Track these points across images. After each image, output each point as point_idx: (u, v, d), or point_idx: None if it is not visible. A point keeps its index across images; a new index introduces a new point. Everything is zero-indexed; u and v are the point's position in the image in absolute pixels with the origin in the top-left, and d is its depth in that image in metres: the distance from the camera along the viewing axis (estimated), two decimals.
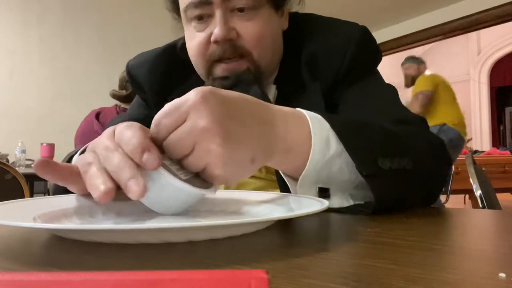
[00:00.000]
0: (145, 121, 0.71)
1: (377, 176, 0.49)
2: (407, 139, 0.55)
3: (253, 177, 0.73)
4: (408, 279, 0.26)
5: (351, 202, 0.52)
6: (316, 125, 0.49)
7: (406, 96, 3.66)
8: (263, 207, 0.49)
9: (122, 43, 4.35)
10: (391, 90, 0.72)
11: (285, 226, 0.43)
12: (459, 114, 3.51)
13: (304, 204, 0.45)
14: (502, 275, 0.25)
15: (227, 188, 0.68)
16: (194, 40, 0.69)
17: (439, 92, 3.50)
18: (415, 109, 3.42)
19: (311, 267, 0.28)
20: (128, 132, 0.38)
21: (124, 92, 2.23)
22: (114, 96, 2.24)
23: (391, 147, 0.52)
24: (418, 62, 3.81)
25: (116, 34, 4.39)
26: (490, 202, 1.54)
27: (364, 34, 0.72)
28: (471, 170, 1.58)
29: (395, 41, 5.00)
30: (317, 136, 0.48)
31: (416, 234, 0.41)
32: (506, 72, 8.49)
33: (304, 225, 0.44)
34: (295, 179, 0.51)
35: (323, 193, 0.52)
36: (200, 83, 0.71)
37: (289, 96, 0.71)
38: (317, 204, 0.42)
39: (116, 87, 2.30)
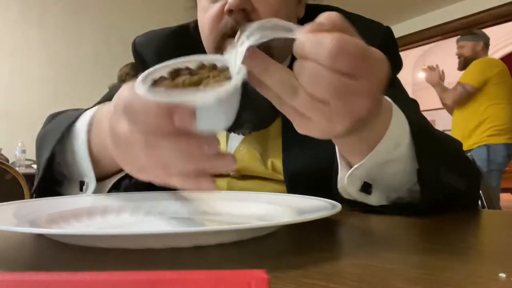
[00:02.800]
0: None
1: (433, 187, 0.48)
2: (464, 161, 0.56)
3: (260, 178, 0.71)
4: (408, 279, 0.26)
5: (388, 202, 0.52)
6: (395, 124, 0.46)
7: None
8: (272, 209, 0.48)
9: (123, 43, 4.35)
10: (416, 104, 0.69)
11: (290, 228, 0.42)
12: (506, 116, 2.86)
13: (315, 207, 0.44)
14: (502, 275, 0.25)
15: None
16: (207, 12, 0.65)
17: (487, 89, 2.84)
18: (446, 99, 2.94)
19: (311, 267, 0.28)
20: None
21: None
22: (114, 87, 2.24)
23: (455, 164, 0.52)
24: (475, 38, 3.03)
25: (116, 34, 4.39)
26: (490, 202, 1.54)
27: (391, 36, 0.70)
28: None
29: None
30: (389, 137, 0.45)
31: (416, 234, 0.41)
32: None
33: (306, 226, 0.44)
34: (349, 166, 0.49)
35: (366, 188, 0.50)
36: None
37: None
38: (328, 207, 0.41)
39: None
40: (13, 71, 4.03)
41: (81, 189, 0.58)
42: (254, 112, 0.65)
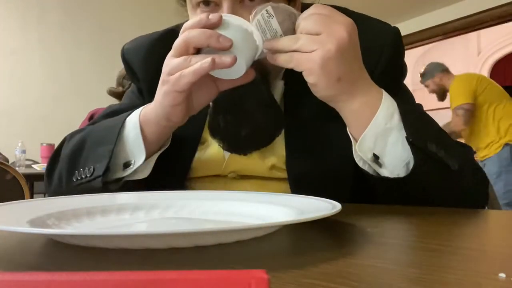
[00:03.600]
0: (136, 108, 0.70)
1: (423, 152, 0.55)
2: (459, 149, 0.64)
3: (258, 178, 0.71)
4: (408, 279, 0.26)
5: (398, 175, 0.57)
6: (387, 99, 0.57)
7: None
8: (272, 209, 0.48)
9: (122, 43, 4.34)
10: (421, 107, 0.72)
11: (290, 228, 0.42)
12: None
13: (315, 207, 0.44)
14: (502, 275, 0.25)
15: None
16: None
17: (482, 100, 2.90)
18: (459, 126, 2.94)
19: (311, 267, 0.28)
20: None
21: (120, 89, 2.21)
22: (111, 93, 2.22)
23: (444, 142, 0.59)
24: (429, 76, 3.21)
25: (116, 34, 4.38)
26: (490, 202, 1.54)
27: (399, 37, 0.71)
28: None
29: None
30: (385, 106, 0.57)
31: (416, 234, 0.41)
32: (507, 73, 8.48)
33: (306, 226, 0.44)
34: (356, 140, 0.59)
35: (377, 161, 0.58)
36: None
37: (298, 91, 0.67)
38: (328, 207, 0.41)
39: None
40: (13, 71, 4.03)
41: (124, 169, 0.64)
42: (256, 132, 0.67)
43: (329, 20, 0.53)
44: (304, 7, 0.71)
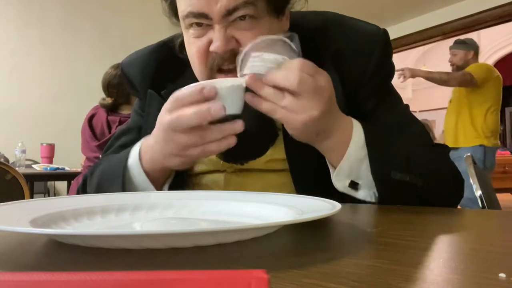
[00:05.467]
0: (140, 129, 0.80)
1: (384, 183, 0.62)
2: (427, 160, 0.67)
3: (257, 171, 0.74)
4: (408, 279, 0.26)
5: (373, 200, 0.63)
6: (357, 131, 0.63)
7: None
8: (272, 209, 0.48)
9: (122, 43, 4.35)
10: (407, 108, 0.76)
11: (290, 228, 0.43)
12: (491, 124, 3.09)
13: (315, 207, 0.44)
14: (502, 275, 0.25)
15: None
16: (194, 46, 0.67)
17: (484, 90, 3.06)
18: (454, 79, 3.12)
19: (311, 267, 0.28)
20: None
21: (109, 100, 2.19)
22: (102, 105, 2.21)
23: (409, 163, 0.63)
24: (466, 47, 3.27)
25: (116, 34, 4.39)
26: (490, 202, 1.54)
27: (388, 38, 0.73)
28: (471, 171, 1.57)
29: (395, 41, 4.99)
30: (354, 140, 0.62)
31: (416, 234, 0.41)
32: (506, 73, 8.48)
33: (306, 226, 0.44)
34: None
35: (355, 186, 0.64)
36: (194, 79, 0.70)
37: None
38: (328, 207, 0.41)
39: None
40: (13, 71, 4.03)
41: None
42: (251, 144, 0.70)
43: (313, 85, 0.56)
44: (294, 16, 0.74)
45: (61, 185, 4.08)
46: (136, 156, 0.67)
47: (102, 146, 2.03)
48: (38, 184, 3.83)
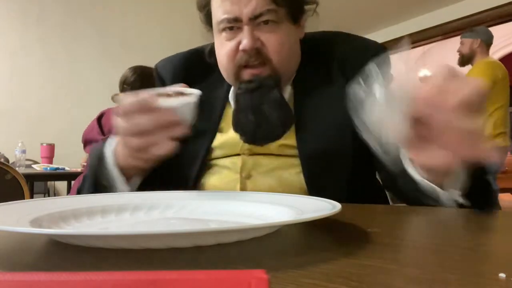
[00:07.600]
0: None
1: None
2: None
3: (270, 155, 0.81)
4: (408, 279, 0.26)
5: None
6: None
7: None
8: (272, 209, 0.48)
9: (122, 44, 4.35)
10: None
11: (290, 228, 0.43)
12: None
13: (315, 207, 0.44)
14: (502, 275, 0.25)
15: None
16: (224, 47, 0.80)
17: (495, 92, 2.93)
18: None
19: (311, 267, 0.28)
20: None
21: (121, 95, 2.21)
22: (113, 100, 2.23)
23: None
24: (473, 35, 3.12)
25: (116, 34, 4.39)
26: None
27: (387, 51, 0.77)
28: None
29: (395, 41, 4.99)
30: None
31: (416, 234, 0.41)
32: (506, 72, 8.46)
33: (306, 226, 0.44)
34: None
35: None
36: (218, 82, 0.86)
37: (304, 95, 0.84)
38: (328, 207, 0.41)
39: (115, 88, 2.30)
40: (13, 71, 4.03)
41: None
42: (271, 128, 0.79)
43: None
44: (308, 37, 0.86)
45: (61, 185, 4.08)
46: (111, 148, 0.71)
47: None
48: (38, 184, 3.83)
